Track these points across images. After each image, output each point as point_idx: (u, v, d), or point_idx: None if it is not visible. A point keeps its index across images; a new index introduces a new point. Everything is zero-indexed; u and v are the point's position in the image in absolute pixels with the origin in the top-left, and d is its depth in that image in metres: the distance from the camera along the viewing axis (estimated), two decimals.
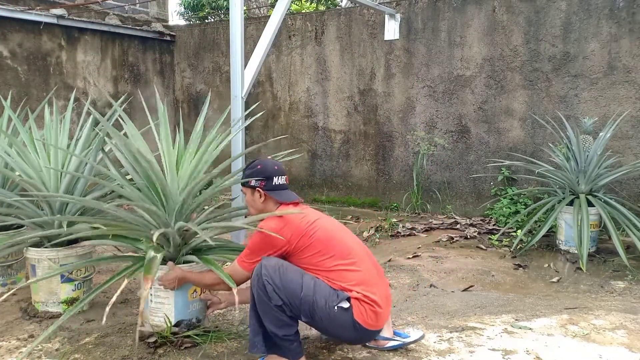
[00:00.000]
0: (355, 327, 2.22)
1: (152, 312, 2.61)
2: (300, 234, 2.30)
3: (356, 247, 2.37)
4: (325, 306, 2.19)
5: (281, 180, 2.45)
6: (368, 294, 2.23)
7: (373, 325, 2.25)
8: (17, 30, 6.07)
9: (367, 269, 2.31)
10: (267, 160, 2.50)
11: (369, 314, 2.22)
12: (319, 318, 2.21)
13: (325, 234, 2.32)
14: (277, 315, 2.21)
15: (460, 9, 5.81)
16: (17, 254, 3.35)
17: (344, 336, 2.32)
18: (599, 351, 2.48)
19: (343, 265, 2.27)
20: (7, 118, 3.53)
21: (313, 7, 9.87)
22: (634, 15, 4.98)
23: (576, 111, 5.29)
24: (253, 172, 2.44)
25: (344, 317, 2.20)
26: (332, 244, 2.30)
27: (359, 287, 2.24)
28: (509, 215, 5.36)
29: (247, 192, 2.47)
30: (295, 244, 2.29)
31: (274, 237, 2.26)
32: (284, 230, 2.29)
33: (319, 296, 2.20)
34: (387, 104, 6.36)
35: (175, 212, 2.63)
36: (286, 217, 2.33)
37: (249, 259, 2.34)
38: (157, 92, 3.27)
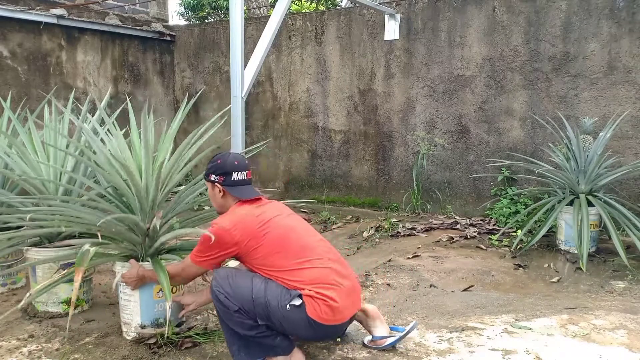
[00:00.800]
0: (310, 324, 2.19)
1: (122, 309, 2.65)
2: (250, 235, 2.26)
3: (312, 243, 2.33)
4: (278, 306, 2.17)
5: (241, 176, 2.41)
6: (321, 290, 2.19)
7: (330, 320, 2.20)
8: (17, 30, 6.07)
9: (324, 265, 2.27)
10: (228, 155, 2.47)
11: (322, 309, 2.17)
12: (275, 319, 2.19)
13: (279, 234, 2.29)
14: (240, 320, 2.22)
15: (460, 9, 5.81)
16: (17, 253, 3.35)
17: (303, 334, 2.28)
18: (599, 351, 2.48)
19: (296, 264, 2.24)
20: (7, 118, 3.53)
21: (313, 7, 9.87)
22: (634, 15, 4.98)
23: (576, 111, 5.29)
24: (213, 167, 2.43)
25: (298, 315, 2.17)
26: (285, 244, 2.27)
27: (312, 284, 2.20)
28: (509, 215, 5.36)
29: (208, 186, 2.48)
30: (245, 245, 2.26)
31: (222, 237, 2.24)
32: (232, 230, 2.25)
33: (271, 297, 2.18)
34: (387, 104, 6.36)
35: (138, 210, 2.65)
36: (238, 217, 2.30)
37: (199, 254, 2.33)
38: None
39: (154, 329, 2.62)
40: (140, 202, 2.64)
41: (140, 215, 2.65)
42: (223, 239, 2.25)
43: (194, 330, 2.66)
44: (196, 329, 2.71)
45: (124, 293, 2.61)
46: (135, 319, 2.61)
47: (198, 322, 2.88)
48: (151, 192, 2.67)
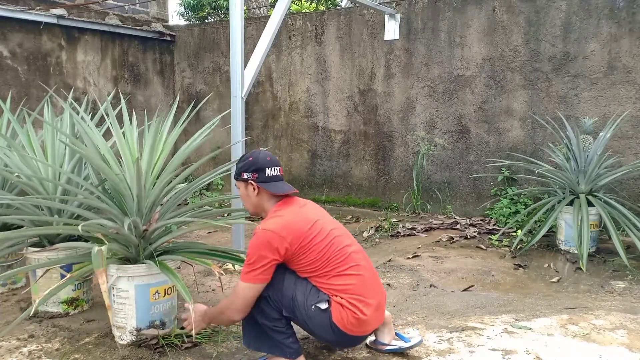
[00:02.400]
0: (333, 329, 2.18)
1: (115, 313, 2.61)
2: (300, 238, 2.18)
3: (351, 250, 2.28)
4: (304, 303, 2.17)
5: (275, 172, 2.34)
6: (353, 301, 2.16)
7: (353, 331, 2.19)
8: (17, 30, 6.07)
9: (363, 276, 2.24)
10: (259, 152, 2.39)
11: (349, 319, 2.16)
12: (299, 314, 2.19)
13: (324, 239, 2.23)
14: (262, 307, 2.21)
15: (460, 9, 5.81)
16: (17, 253, 3.35)
17: (323, 337, 2.26)
18: (599, 351, 2.48)
19: (335, 270, 2.20)
20: (7, 119, 3.53)
21: (313, 7, 9.87)
22: (634, 15, 4.98)
23: (576, 111, 5.29)
24: (245, 165, 2.34)
25: (321, 318, 2.17)
26: (329, 249, 2.22)
27: (345, 293, 2.17)
28: (509, 215, 5.36)
29: (240, 186, 2.39)
30: (295, 249, 2.18)
31: (274, 241, 2.14)
32: (283, 233, 2.16)
33: (299, 292, 2.19)
34: (387, 104, 6.36)
35: (134, 211, 2.64)
36: (286, 220, 2.21)
37: (251, 267, 2.16)
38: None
39: (150, 332, 2.60)
40: (138, 202, 2.63)
41: (138, 217, 2.64)
42: (274, 244, 2.15)
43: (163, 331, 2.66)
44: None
45: (118, 297, 2.58)
46: (131, 322, 2.58)
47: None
48: (151, 193, 2.66)
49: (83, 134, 2.76)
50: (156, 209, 2.77)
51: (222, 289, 3.50)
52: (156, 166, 2.74)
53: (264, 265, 2.16)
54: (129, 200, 2.66)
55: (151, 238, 2.70)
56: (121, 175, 2.66)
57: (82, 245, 2.75)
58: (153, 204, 2.71)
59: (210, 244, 4.01)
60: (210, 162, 7.34)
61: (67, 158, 3.15)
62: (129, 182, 2.62)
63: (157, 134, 2.69)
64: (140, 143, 2.84)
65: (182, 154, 2.93)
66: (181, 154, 2.93)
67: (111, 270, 2.58)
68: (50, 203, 2.87)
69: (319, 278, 2.21)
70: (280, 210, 2.29)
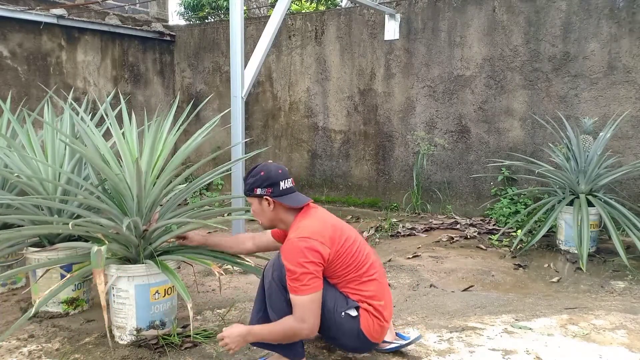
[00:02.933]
0: (359, 337, 2.19)
1: (115, 313, 2.61)
2: (335, 243, 2.15)
3: (371, 256, 2.30)
4: (333, 309, 2.16)
5: (288, 184, 2.26)
6: (380, 308, 2.20)
7: (376, 338, 2.24)
8: (17, 30, 6.07)
9: (382, 281, 2.28)
10: (269, 165, 2.29)
11: (375, 327, 2.20)
12: (325, 320, 2.16)
13: (352, 244, 2.23)
14: (286, 309, 2.14)
15: (460, 9, 5.81)
16: (17, 253, 3.35)
17: (345, 343, 2.26)
18: (599, 351, 2.48)
19: (361, 276, 2.21)
20: (7, 119, 3.53)
21: (313, 7, 9.87)
22: (634, 15, 4.98)
23: (576, 111, 5.29)
24: (257, 180, 2.23)
25: (350, 325, 2.17)
26: (355, 255, 2.21)
27: (373, 300, 2.20)
28: (509, 215, 5.36)
29: (253, 202, 2.28)
30: (332, 255, 2.13)
31: (316, 245, 2.08)
32: (322, 239, 2.11)
33: (329, 298, 2.16)
34: (387, 104, 6.36)
35: (134, 211, 2.64)
36: (317, 228, 2.15)
37: (301, 282, 2.04)
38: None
39: (150, 333, 2.60)
40: (138, 202, 2.63)
41: (138, 217, 2.64)
42: (317, 248, 2.09)
43: (195, 331, 2.66)
44: (196, 329, 2.71)
45: (118, 297, 2.58)
46: (131, 322, 2.58)
47: (198, 322, 2.88)
48: (151, 193, 2.66)
49: (83, 134, 2.75)
50: (156, 209, 2.77)
51: (221, 289, 3.50)
52: (156, 166, 2.74)
53: (315, 272, 2.07)
54: (128, 200, 2.66)
55: (151, 238, 2.70)
56: (121, 175, 2.66)
57: (82, 245, 2.75)
58: (153, 204, 2.71)
59: None
60: (210, 162, 7.34)
61: (67, 158, 3.15)
62: (129, 182, 2.62)
63: (157, 134, 2.69)
64: (140, 143, 2.84)
65: (182, 154, 2.93)
66: (181, 154, 2.93)
67: (111, 270, 2.58)
68: (50, 203, 2.87)
69: (349, 284, 2.20)
70: (305, 220, 2.22)
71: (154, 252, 2.68)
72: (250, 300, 3.27)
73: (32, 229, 2.80)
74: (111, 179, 2.63)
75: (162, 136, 2.86)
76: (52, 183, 2.97)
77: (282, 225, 2.31)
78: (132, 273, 2.56)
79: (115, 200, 2.75)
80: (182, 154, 2.93)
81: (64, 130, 3.20)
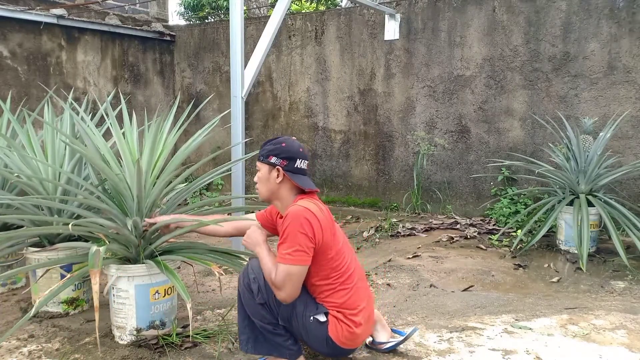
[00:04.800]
0: (327, 343, 2.17)
1: (115, 313, 2.61)
2: (327, 232, 2.11)
3: (354, 262, 2.27)
4: (302, 313, 2.15)
5: (304, 165, 2.23)
6: (349, 316, 2.16)
7: (347, 344, 2.19)
8: (17, 30, 6.07)
9: (358, 287, 2.21)
10: (292, 140, 2.27)
11: (344, 333, 2.15)
12: (295, 324, 2.17)
13: (343, 245, 2.21)
14: (261, 313, 2.18)
15: (460, 9, 5.81)
16: (17, 253, 3.35)
17: (316, 348, 2.25)
18: (599, 351, 2.48)
19: (339, 282, 2.16)
20: (7, 119, 3.53)
21: (313, 7, 9.87)
22: (634, 15, 4.98)
23: (576, 111, 5.29)
24: (276, 149, 2.20)
25: (318, 330, 2.15)
26: (340, 255, 2.19)
27: (343, 308, 2.16)
28: (509, 215, 5.36)
29: (262, 168, 2.23)
30: (322, 241, 2.09)
31: (313, 220, 2.05)
32: (318, 216, 2.09)
33: (299, 301, 2.15)
34: (387, 104, 6.36)
35: (134, 211, 2.64)
36: (313, 210, 2.11)
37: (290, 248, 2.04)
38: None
39: (150, 333, 2.60)
40: (138, 202, 2.63)
41: (138, 217, 2.64)
42: (314, 223, 2.06)
43: (195, 331, 2.66)
44: (196, 329, 2.71)
45: (118, 297, 2.58)
46: (131, 322, 2.58)
47: (198, 322, 2.88)
48: (151, 193, 2.66)
49: (83, 134, 2.76)
50: (156, 209, 2.77)
51: (222, 289, 3.50)
52: (156, 166, 2.74)
53: (304, 246, 2.04)
54: (128, 200, 2.66)
55: (151, 238, 2.70)
56: (121, 175, 2.66)
57: (82, 245, 2.75)
58: (153, 204, 2.71)
59: (211, 243, 4.01)
60: (210, 162, 7.34)
61: (67, 158, 3.15)
62: (129, 182, 2.62)
63: (157, 134, 2.69)
64: (140, 143, 2.84)
65: (182, 154, 2.93)
66: (181, 154, 2.93)
67: (111, 270, 2.58)
68: (50, 203, 2.87)
69: (326, 290, 2.16)
70: (304, 201, 2.17)
71: (154, 252, 2.69)
72: None
73: (32, 229, 2.80)
74: (111, 179, 2.63)
75: (162, 136, 2.86)
76: (52, 183, 2.97)
77: (278, 203, 2.27)
78: (132, 273, 2.56)
79: (115, 200, 2.75)
80: (182, 154, 2.93)
81: (64, 130, 3.20)
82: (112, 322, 2.66)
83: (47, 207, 3.01)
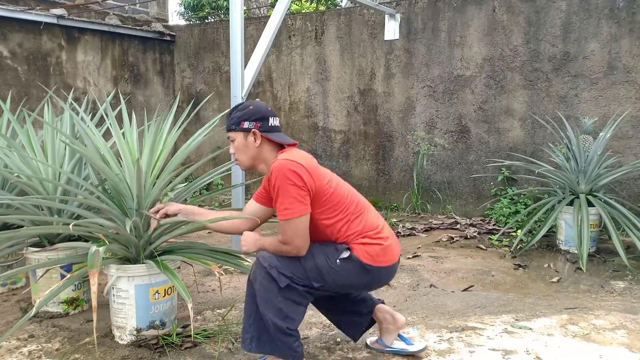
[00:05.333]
0: (366, 270, 2.15)
1: (115, 313, 2.61)
2: (317, 173, 2.12)
3: (355, 193, 2.27)
4: (327, 263, 2.13)
5: (276, 122, 2.21)
6: (376, 236, 2.17)
7: (384, 261, 2.17)
8: (17, 30, 6.07)
9: (369, 211, 2.24)
10: (257, 101, 2.25)
11: (376, 251, 2.15)
12: (328, 276, 2.14)
13: (339, 181, 2.23)
14: (281, 306, 2.11)
15: (460, 9, 5.81)
16: (17, 253, 3.35)
17: (360, 284, 2.22)
18: (599, 351, 2.48)
19: (352, 213, 2.17)
20: (7, 119, 3.53)
21: (313, 7, 9.87)
22: (634, 15, 4.98)
23: (576, 111, 5.29)
24: (245, 114, 2.17)
25: (350, 266, 2.14)
26: (343, 191, 2.19)
27: (365, 231, 2.16)
28: (509, 215, 5.36)
29: (237, 137, 2.20)
30: (316, 185, 2.09)
31: (298, 169, 2.04)
32: (304, 163, 2.08)
33: (318, 257, 2.14)
34: (387, 104, 6.36)
35: (134, 211, 2.64)
36: (299, 155, 2.12)
37: (287, 203, 2.03)
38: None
39: (150, 333, 2.60)
40: (138, 202, 2.63)
41: (138, 217, 2.64)
42: (300, 172, 2.04)
43: (195, 331, 2.66)
44: (196, 329, 2.71)
45: (118, 296, 2.58)
46: (131, 322, 2.57)
47: (198, 322, 2.88)
48: (151, 193, 2.66)
49: (83, 134, 2.75)
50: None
51: (222, 289, 3.50)
52: (156, 166, 2.74)
53: (298, 196, 2.04)
54: (128, 200, 2.66)
55: (151, 238, 2.70)
56: (121, 175, 2.66)
57: (82, 245, 2.75)
58: (153, 204, 2.71)
59: (211, 243, 4.02)
60: (210, 162, 7.34)
61: (67, 158, 3.15)
62: (129, 182, 2.62)
63: (157, 134, 2.69)
64: (140, 143, 2.84)
65: (182, 153, 2.93)
66: (181, 153, 2.93)
67: (111, 270, 2.58)
68: (50, 203, 2.87)
69: (341, 224, 2.16)
70: (284, 154, 2.16)
71: (154, 252, 2.69)
72: None
73: (32, 229, 2.80)
74: (111, 179, 2.63)
75: (162, 136, 2.86)
76: (52, 183, 2.97)
77: (263, 166, 2.25)
78: (132, 273, 2.56)
79: (115, 200, 2.75)
80: (182, 153, 2.93)
81: (64, 131, 3.20)
82: (112, 322, 2.66)
83: (47, 207, 3.01)
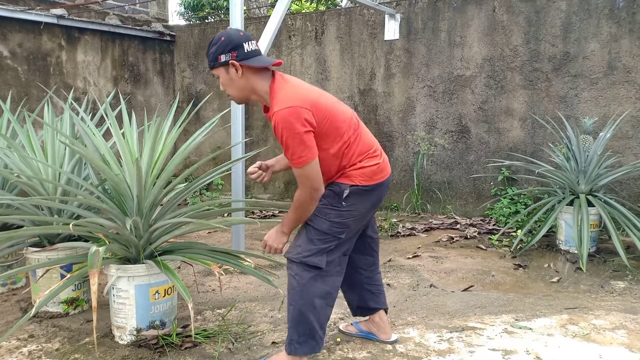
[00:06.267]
0: (367, 191, 2.21)
1: (115, 313, 2.61)
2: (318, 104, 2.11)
3: (348, 112, 2.26)
4: (336, 212, 2.18)
5: (253, 46, 2.15)
6: (371, 153, 2.23)
7: (380, 177, 2.24)
8: (17, 30, 6.07)
9: (365, 131, 2.29)
10: (229, 29, 2.18)
11: (372, 170, 2.21)
12: (346, 221, 2.19)
13: (340, 107, 2.22)
14: (334, 275, 2.23)
15: (460, 9, 5.81)
16: (17, 253, 3.35)
17: (369, 206, 2.27)
18: (599, 351, 2.48)
19: (349, 134, 2.18)
20: (7, 119, 3.53)
21: (313, 7, 9.87)
22: (634, 15, 4.98)
23: (576, 111, 5.29)
24: (219, 47, 2.11)
25: (354, 197, 2.19)
26: (345, 117, 2.19)
27: (361, 154, 2.20)
28: (509, 215, 5.36)
29: (220, 73, 2.16)
30: (319, 117, 2.09)
31: (301, 112, 2.02)
32: (304, 104, 2.06)
33: (327, 212, 2.18)
34: (387, 104, 6.36)
35: (134, 211, 2.64)
36: (296, 89, 2.13)
37: (299, 152, 2.03)
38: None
39: (150, 333, 2.60)
40: (138, 202, 2.63)
41: (138, 216, 2.64)
42: (303, 115, 2.02)
43: (195, 331, 2.66)
44: (196, 329, 2.71)
45: (118, 297, 2.58)
46: (131, 322, 2.58)
47: (198, 322, 2.88)
48: (151, 193, 2.67)
49: (83, 134, 2.76)
50: (156, 209, 2.77)
51: (222, 289, 3.50)
52: (156, 166, 2.74)
53: (307, 141, 2.04)
54: (128, 200, 2.66)
55: (151, 238, 2.70)
56: (121, 175, 2.66)
57: (82, 245, 2.75)
58: (153, 204, 2.71)
59: (211, 243, 4.02)
60: (210, 162, 7.34)
61: (67, 158, 3.15)
62: (129, 182, 2.62)
63: (157, 134, 2.69)
64: (140, 143, 2.84)
65: (182, 153, 2.93)
66: (181, 153, 2.93)
67: (111, 270, 2.58)
68: (50, 203, 2.87)
69: (345, 147, 2.17)
70: (284, 89, 2.14)
71: (154, 252, 2.69)
72: (250, 300, 3.28)
73: (32, 229, 2.80)
74: (111, 179, 2.63)
75: (162, 136, 2.87)
76: (52, 183, 2.97)
77: (255, 97, 2.22)
78: (132, 273, 2.56)
79: (115, 200, 2.75)
80: (182, 153, 2.93)
81: (64, 131, 3.20)
82: (112, 322, 2.66)
83: (47, 207, 3.01)
